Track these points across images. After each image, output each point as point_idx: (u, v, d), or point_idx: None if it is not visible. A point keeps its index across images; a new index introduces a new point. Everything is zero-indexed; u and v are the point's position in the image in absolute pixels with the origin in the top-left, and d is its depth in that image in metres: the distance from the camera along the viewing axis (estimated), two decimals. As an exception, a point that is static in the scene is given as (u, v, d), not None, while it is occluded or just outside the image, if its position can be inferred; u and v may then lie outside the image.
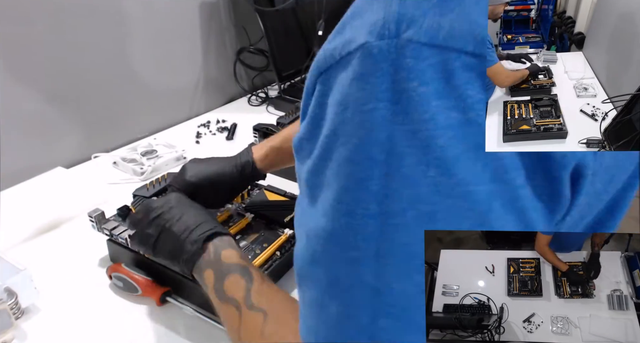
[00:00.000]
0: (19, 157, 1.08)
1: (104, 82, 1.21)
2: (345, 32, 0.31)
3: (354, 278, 0.30)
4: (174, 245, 0.55)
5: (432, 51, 0.27)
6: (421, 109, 0.27)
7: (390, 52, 0.28)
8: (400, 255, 0.29)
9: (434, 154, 0.27)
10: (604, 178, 0.31)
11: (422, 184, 0.27)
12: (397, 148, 0.28)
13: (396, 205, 0.28)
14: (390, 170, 0.28)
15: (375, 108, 0.28)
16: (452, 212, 0.28)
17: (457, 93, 0.27)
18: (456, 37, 0.27)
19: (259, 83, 1.61)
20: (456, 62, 0.27)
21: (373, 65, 0.28)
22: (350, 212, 0.29)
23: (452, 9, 0.27)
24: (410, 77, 0.27)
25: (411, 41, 0.27)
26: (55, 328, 0.71)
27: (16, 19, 1.01)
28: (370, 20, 0.29)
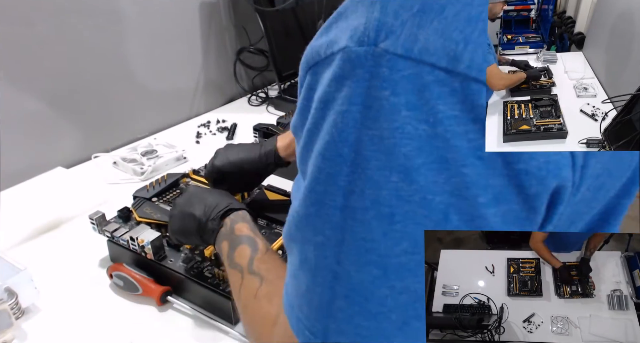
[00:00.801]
0: (19, 157, 1.08)
1: (104, 82, 1.21)
2: (331, 32, 0.32)
3: (319, 259, 0.32)
4: (199, 226, 0.63)
5: (407, 63, 0.28)
6: (390, 117, 0.28)
7: (367, 59, 0.29)
8: (359, 248, 0.30)
9: (398, 161, 0.28)
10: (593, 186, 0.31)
11: (384, 187, 0.29)
12: (364, 151, 0.29)
13: (359, 202, 0.30)
14: (357, 170, 0.30)
15: (349, 110, 0.29)
16: (409, 217, 0.29)
17: (428, 106, 0.28)
18: (430, 52, 0.27)
19: (259, 83, 1.61)
20: (429, 76, 0.28)
21: (351, 70, 0.29)
22: (320, 201, 0.32)
23: (431, 20, 0.28)
24: (383, 85, 0.28)
25: (387, 52, 0.28)
26: (55, 328, 0.71)
27: (16, 19, 1.01)
28: (353, 24, 0.30)
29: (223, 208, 0.63)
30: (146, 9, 1.25)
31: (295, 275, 0.36)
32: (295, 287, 0.35)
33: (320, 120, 0.31)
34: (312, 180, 0.32)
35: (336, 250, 0.31)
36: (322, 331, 0.33)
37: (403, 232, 0.29)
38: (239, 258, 0.55)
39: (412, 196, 0.29)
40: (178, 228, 0.67)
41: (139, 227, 0.77)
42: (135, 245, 0.75)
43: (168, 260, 0.75)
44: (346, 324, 0.32)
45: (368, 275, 0.31)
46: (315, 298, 0.33)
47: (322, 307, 0.33)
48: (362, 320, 0.31)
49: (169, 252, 0.77)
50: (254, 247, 0.56)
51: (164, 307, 0.74)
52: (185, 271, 0.73)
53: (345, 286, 0.31)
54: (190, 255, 0.76)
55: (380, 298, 0.31)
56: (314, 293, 0.33)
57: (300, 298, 0.35)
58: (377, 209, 0.29)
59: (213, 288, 0.70)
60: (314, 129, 0.32)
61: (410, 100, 0.28)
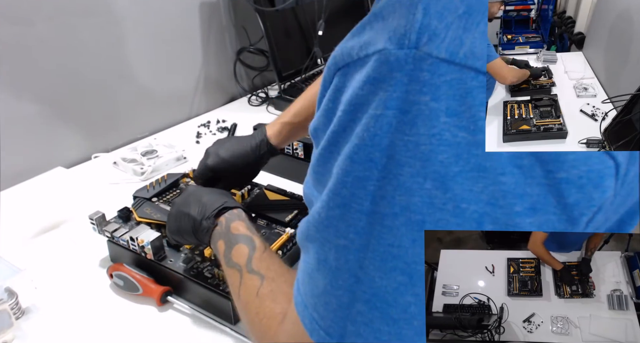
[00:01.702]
0: (19, 157, 1.08)
1: (104, 82, 1.21)
2: (365, 33, 0.31)
3: (341, 262, 0.32)
4: (194, 226, 0.63)
5: (450, 68, 0.27)
6: (429, 123, 0.27)
7: (407, 63, 0.28)
8: (385, 254, 0.30)
9: (433, 168, 0.28)
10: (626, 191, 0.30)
11: (417, 194, 0.28)
12: (397, 156, 0.28)
13: (388, 208, 0.29)
14: (388, 176, 0.29)
15: (383, 114, 0.29)
16: (441, 225, 0.28)
17: (470, 113, 0.27)
18: (476, 57, 0.27)
19: (259, 83, 1.61)
20: (473, 82, 0.27)
21: (388, 73, 0.28)
22: (345, 204, 0.31)
23: (477, 23, 0.27)
24: (423, 90, 0.27)
25: (430, 55, 0.27)
26: (55, 328, 0.71)
27: (17, 19, 1.01)
28: (392, 25, 0.29)
29: (217, 207, 0.62)
30: (146, 9, 1.25)
31: (311, 275, 0.35)
32: (311, 287, 0.35)
33: (350, 123, 0.30)
34: (338, 183, 0.31)
35: (360, 255, 0.31)
36: (339, 332, 0.33)
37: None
38: (236, 258, 0.54)
39: (446, 204, 0.28)
40: (175, 228, 0.67)
41: (139, 227, 0.77)
42: (135, 245, 0.75)
43: (168, 260, 0.75)
44: (365, 328, 0.32)
45: (393, 281, 0.30)
46: (334, 301, 0.33)
47: (340, 309, 0.32)
48: (383, 325, 0.31)
49: (169, 252, 0.77)
50: (252, 245, 0.55)
51: (164, 307, 0.74)
52: (185, 271, 0.73)
53: (367, 291, 0.31)
54: (190, 255, 0.76)
55: (404, 304, 0.30)
56: (332, 296, 0.33)
57: (316, 298, 0.34)
58: (407, 216, 0.29)
59: (213, 288, 0.70)
60: (341, 131, 0.31)
61: (450, 106, 0.27)
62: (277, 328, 0.41)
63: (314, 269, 0.35)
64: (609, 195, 0.28)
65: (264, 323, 0.44)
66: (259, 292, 0.47)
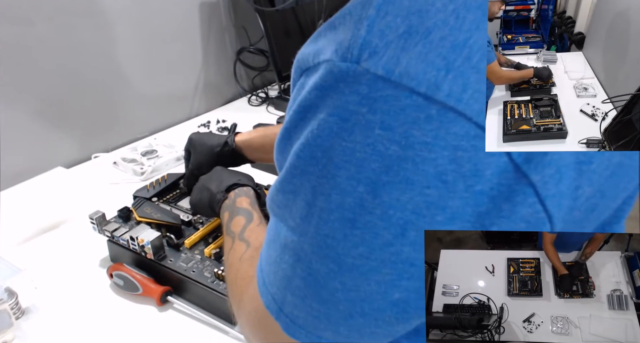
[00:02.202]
0: (19, 157, 1.08)
1: (104, 82, 1.21)
2: (320, 41, 0.33)
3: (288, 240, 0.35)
4: (210, 198, 0.71)
5: (386, 85, 0.28)
6: (365, 133, 0.29)
7: (348, 76, 0.30)
8: (320, 242, 0.33)
9: (366, 174, 0.30)
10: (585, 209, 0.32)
11: (350, 196, 0.31)
12: (335, 159, 0.31)
13: (325, 204, 0.32)
14: (327, 175, 0.31)
15: (326, 119, 0.31)
16: (369, 226, 0.31)
17: (401, 129, 0.29)
18: (411, 76, 0.28)
19: (259, 83, 1.61)
20: (407, 100, 0.28)
21: (333, 82, 0.30)
22: (294, 192, 0.34)
23: (416, 43, 0.28)
24: (362, 102, 0.29)
25: (369, 71, 0.29)
26: (55, 328, 0.71)
27: (17, 19, 1.01)
28: (340, 38, 0.31)
29: (230, 183, 0.70)
30: (146, 9, 1.25)
31: (269, 245, 0.39)
32: (267, 254, 0.38)
33: (300, 122, 0.33)
34: (289, 173, 0.34)
35: (302, 238, 0.34)
36: (281, 299, 0.36)
37: (362, 238, 0.31)
38: (234, 227, 0.60)
39: (375, 209, 0.30)
40: (197, 199, 0.74)
41: (139, 227, 0.77)
42: (135, 245, 0.75)
43: (168, 260, 0.75)
44: (301, 301, 0.35)
45: (324, 267, 0.33)
46: (280, 271, 0.36)
47: (284, 280, 0.36)
48: (313, 302, 0.34)
49: (169, 252, 0.77)
50: (249, 218, 0.61)
51: (164, 307, 0.74)
52: (185, 271, 0.73)
53: (305, 270, 0.34)
54: (190, 255, 0.76)
55: (332, 289, 0.33)
56: (279, 267, 0.36)
57: (269, 265, 0.38)
58: (340, 213, 0.31)
59: (213, 288, 0.70)
60: (292, 128, 0.34)
61: (385, 120, 0.29)
62: (245, 289, 0.45)
63: (271, 239, 0.38)
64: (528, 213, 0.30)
65: (238, 284, 0.48)
66: (242, 256, 0.52)
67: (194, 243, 0.78)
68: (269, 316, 0.37)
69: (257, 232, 0.58)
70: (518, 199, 0.30)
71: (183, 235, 0.80)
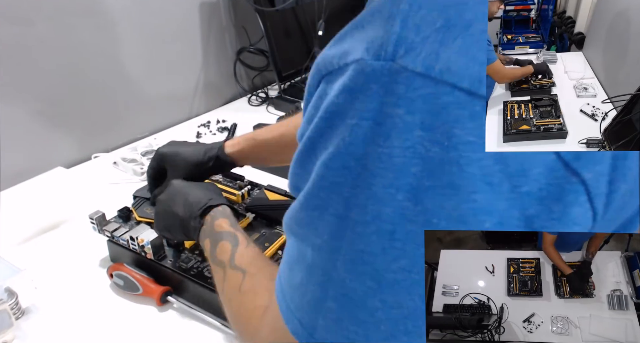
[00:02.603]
0: (19, 157, 1.08)
1: (104, 82, 1.21)
2: (345, 42, 0.31)
3: (316, 260, 0.33)
4: (183, 225, 0.64)
5: (426, 82, 0.27)
6: (403, 136, 0.28)
7: (383, 75, 0.28)
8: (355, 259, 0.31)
9: (406, 180, 0.28)
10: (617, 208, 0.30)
11: (388, 205, 0.29)
12: (370, 166, 0.29)
13: (361, 216, 0.30)
14: (361, 185, 0.29)
15: (358, 125, 0.29)
16: (410, 237, 0.29)
17: (443, 129, 0.27)
18: (452, 72, 0.27)
19: (259, 83, 1.61)
20: (449, 97, 0.27)
21: (364, 84, 0.28)
22: (322, 206, 0.32)
23: (455, 37, 0.27)
24: (399, 103, 0.27)
25: (406, 69, 0.27)
26: (55, 328, 0.71)
27: (16, 19, 1.01)
28: (370, 36, 0.29)
29: (202, 206, 0.63)
30: (146, 9, 1.25)
31: (291, 267, 0.36)
32: (290, 278, 0.36)
33: (327, 130, 0.31)
34: (315, 187, 0.32)
35: (333, 256, 0.31)
36: (310, 325, 0.34)
37: (402, 250, 0.29)
38: (220, 255, 0.55)
39: (417, 217, 0.28)
40: (162, 226, 0.68)
41: (139, 227, 0.77)
42: (135, 244, 0.75)
43: (168, 260, 0.75)
44: (334, 324, 0.32)
45: (362, 285, 0.31)
46: (308, 294, 0.34)
47: (313, 303, 0.33)
48: (350, 324, 0.32)
49: (169, 251, 0.76)
50: (235, 242, 0.56)
51: (164, 307, 0.74)
52: (185, 271, 0.73)
53: (338, 290, 0.32)
54: (190, 255, 0.76)
55: (371, 309, 0.31)
56: (307, 290, 0.34)
57: (293, 289, 0.35)
58: (378, 225, 0.29)
59: (213, 288, 0.70)
60: (317, 137, 0.32)
61: (425, 120, 0.27)
62: (258, 321, 0.42)
63: (294, 261, 0.36)
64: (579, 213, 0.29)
65: (245, 316, 0.45)
66: (242, 287, 0.48)
67: (194, 243, 0.78)
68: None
69: (249, 255, 0.54)
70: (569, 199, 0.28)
71: (183, 235, 0.80)
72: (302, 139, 0.35)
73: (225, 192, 0.87)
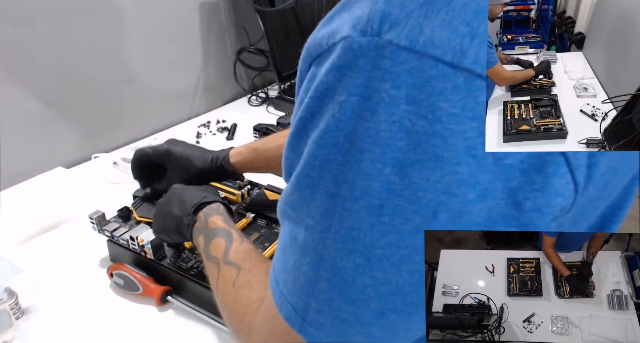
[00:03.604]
0: (19, 157, 1.08)
1: (104, 81, 1.21)
2: (333, 23, 0.32)
3: (308, 240, 0.33)
4: (177, 223, 0.65)
5: (410, 56, 0.27)
6: (390, 110, 0.28)
7: (369, 50, 0.28)
8: (345, 236, 0.31)
9: (393, 154, 0.28)
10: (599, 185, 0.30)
11: (376, 180, 0.29)
12: (358, 142, 0.29)
13: (349, 192, 0.30)
14: (350, 161, 0.30)
15: (347, 100, 0.29)
16: (397, 211, 0.29)
17: (428, 102, 0.27)
18: (436, 45, 0.27)
19: (259, 83, 1.61)
20: (433, 70, 0.27)
21: (352, 60, 0.29)
22: (313, 185, 0.32)
23: (438, 10, 0.27)
24: (384, 77, 0.28)
25: (391, 43, 0.28)
26: (55, 328, 0.71)
27: (16, 19, 1.01)
28: (356, 14, 0.30)
29: (196, 203, 0.63)
30: (146, 8, 1.25)
31: (284, 251, 0.36)
32: (283, 263, 0.36)
33: (317, 109, 0.31)
34: (307, 166, 0.32)
35: (324, 235, 0.32)
36: (303, 308, 0.34)
37: (390, 225, 0.29)
38: (214, 251, 0.55)
39: (404, 191, 0.29)
40: (160, 227, 0.68)
41: (139, 227, 0.77)
42: (135, 244, 0.75)
43: (168, 259, 0.75)
44: (326, 305, 0.33)
45: (352, 263, 0.31)
46: (301, 277, 0.34)
47: (305, 286, 0.33)
48: (342, 304, 0.32)
49: (169, 251, 0.77)
50: (229, 238, 0.56)
51: (164, 307, 0.74)
52: (185, 271, 0.73)
53: (329, 270, 0.32)
54: (190, 255, 0.76)
55: (361, 286, 0.31)
56: (299, 272, 0.34)
57: (286, 274, 0.35)
58: (366, 200, 0.30)
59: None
60: (308, 117, 0.32)
61: (410, 94, 0.27)
62: (252, 314, 0.42)
63: (286, 246, 0.36)
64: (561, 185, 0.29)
65: (240, 311, 0.45)
66: (236, 282, 0.48)
67: (194, 243, 0.78)
68: (290, 332, 0.35)
69: (243, 252, 0.54)
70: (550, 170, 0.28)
71: (183, 235, 0.80)
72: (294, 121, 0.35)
73: (225, 192, 0.87)
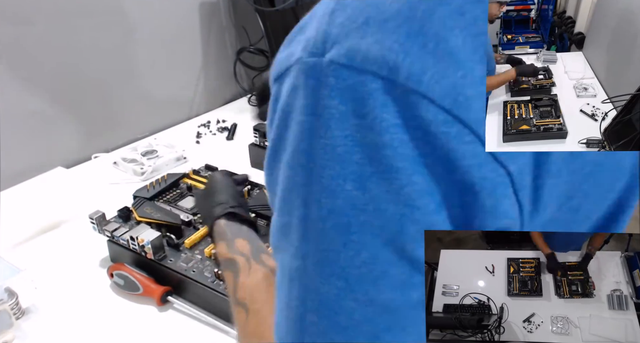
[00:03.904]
0: (19, 157, 1.08)
1: (104, 81, 1.21)
2: (292, 45, 0.33)
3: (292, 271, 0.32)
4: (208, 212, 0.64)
5: (350, 73, 0.28)
6: (341, 125, 0.29)
7: (316, 70, 0.29)
8: (321, 259, 0.30)
9: (351, 168, 0.29)
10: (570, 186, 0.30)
11: (339, 197, 0.29)
12: (318, 160, 0.29)
13: (317, 212, 0.30)
14: (313, 180, 0.30)
15: (303, 120, 0.30)
16: (365, 227, 0.29)
17: (372, 115, 0.28)
18: (371, 61, 0.28)
19: (259, 83, 1.61)
20: (373, 84, 0.28)
21: (304, 80, 0.30)
22: (289, 211, 0.31)
23: (373, 33, 0.29)
24: (331, 95, 0.29)
25: (333, 62, 0.29)
26: (55, 328, 0.71)
27: (17, 19, 1.01)
28: (308, 36, 0.31)
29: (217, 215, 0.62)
30: (146, 9, 1.25)
31: (278, 288, 0.35)
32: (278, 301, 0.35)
33: (284, 131, 0.32)
34: (283, 190, 0.32)
35: (305, 262, 0.31)
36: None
37: (361, 243, 0.29)
38: (227, 288, 0.54)
39: (367, 205, 0.28)
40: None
41: (139, 227, 0.77)
42: (135, 244, 0.75)
43: (168, 260, 0.75)
44: (320, 339, 0.31)
45: (333, 287, 0.30)
46: (292, 313, 0.32)
47: (297, 322, 0.32)
48: (334, 334, 0.31)
49: (169, 251, 0.77)
50: (235, 270, 0.55)
51: (164, 307, 0.74)
52: (185, 271, 0.73)
53: (315, 299, 0.31)
54: (190, 255, 0.76)
55: (348, 311, 0.30)
56: (290, 308, 0.32)
57: (281, 312, 0.34)
58: (334, 219, 0.29)
59: (213, 288, 0.70)
60: (278, 139, 0.32)
61: (356, 108, 0.28)
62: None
63: (280, 282, 0.34)
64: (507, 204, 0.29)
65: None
66: (246, 329, 0.48)
67: (194, 243, 0.78)
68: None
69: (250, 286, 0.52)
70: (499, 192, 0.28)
71: (183, 235, 0.80)
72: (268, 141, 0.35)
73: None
